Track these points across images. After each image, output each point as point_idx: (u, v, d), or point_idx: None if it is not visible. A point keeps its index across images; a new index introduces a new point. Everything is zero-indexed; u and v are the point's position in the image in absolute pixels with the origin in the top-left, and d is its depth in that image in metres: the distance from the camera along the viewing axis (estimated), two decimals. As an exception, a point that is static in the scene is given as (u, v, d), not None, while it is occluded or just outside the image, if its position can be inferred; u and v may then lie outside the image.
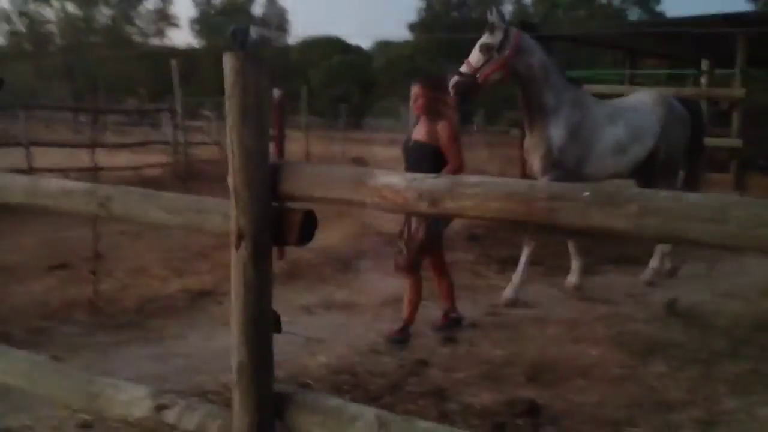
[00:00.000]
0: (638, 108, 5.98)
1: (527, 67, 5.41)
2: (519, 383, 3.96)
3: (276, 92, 7.10)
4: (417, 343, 4.66)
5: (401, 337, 4.65)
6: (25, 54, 46.38)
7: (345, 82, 44.72)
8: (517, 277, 5.60)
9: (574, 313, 5.23)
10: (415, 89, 4.76)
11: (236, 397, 1.79)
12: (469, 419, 3.49)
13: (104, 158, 10.65)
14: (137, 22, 52.81)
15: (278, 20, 56.21)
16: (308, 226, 1.77)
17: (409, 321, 4.77)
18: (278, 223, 1.76)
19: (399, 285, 5.40)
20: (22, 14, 48.83)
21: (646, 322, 4.94)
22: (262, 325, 1.78)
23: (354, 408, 1.78)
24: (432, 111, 4.73)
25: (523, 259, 5.62)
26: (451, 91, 5.24)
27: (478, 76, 5.30)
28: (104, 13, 51.05)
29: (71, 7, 49.46)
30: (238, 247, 1.73)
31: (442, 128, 4.68)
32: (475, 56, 5.33)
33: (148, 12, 53.05)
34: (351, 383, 3.95)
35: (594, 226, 1.35)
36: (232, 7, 53.63)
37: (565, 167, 5.58)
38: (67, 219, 7.42)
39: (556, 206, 1.38)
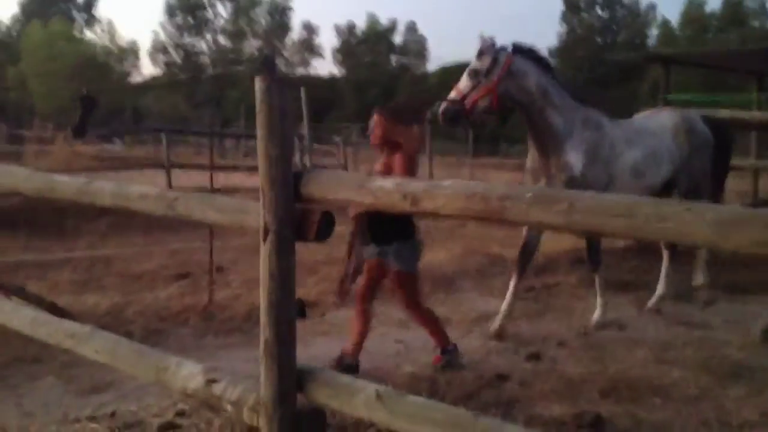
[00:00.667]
0: (656, 131, 5.70)
1: (523, 90, 5.21)
2: (593, 399, 4.02)
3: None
4: (500, 358, 4.81)
5: (346, 365, 4.36)
6: (179, 83, 50.70)
7: (481, 108, 45.11)
8: (504, 305, 5.32)
9: (667, 336, 5.16)
10: (373, 118, 4.57)
11: (262, 371, 2.10)
12: (532, 427, 3.62)
13: (239, 179, 11.54)
14: (284, 52, 55.89)
15: (418, 48, 57.58)
16: (326, 225, 2.07)
17: (348, 351, 4.49)
18: (300, 221, 2.07)
19: (494, 304, 5.59)
20: (178, 46, 53.46)
21: (739, 348, 4.79)
22: (284, 309, 2.08)
23: (360, 383, 2.04)
24: (388, 142, 4.53)
25: (511, 289, 5.32)
26: (440, 118, 5.13)
27: (466, 102, 5.15)
28: (252, 45, 54.66)
29: (222, 40, 53.58)
30: (264, 240, 2.06)
31: (397, 160, 4.48)
32: (463, 82, 5.20)
33: (293, 43, 56.05)
34: (429, 390, 4.17)
35: (534, 221, 1.55)
36: (373, 36, 55.55)
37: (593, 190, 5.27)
38: (195, 233, 8.21)
39: (506, 205, 1.59)
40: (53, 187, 2.88)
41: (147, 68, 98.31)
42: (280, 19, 54.69)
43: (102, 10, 71.43)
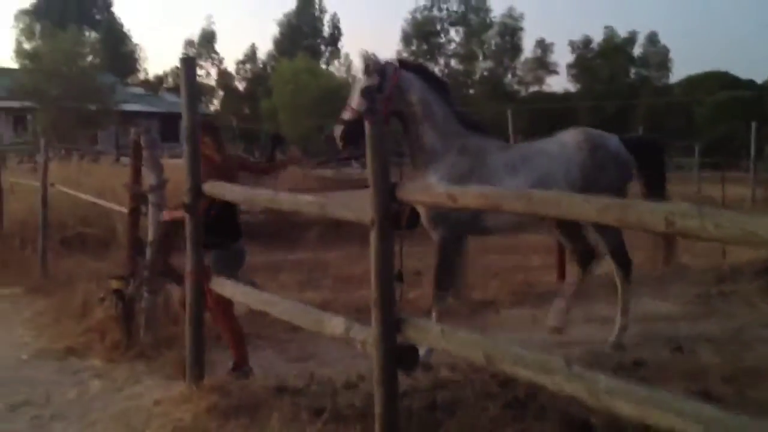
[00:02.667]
0: (552, 153, 5.46)
1: (406, 104, 5.27)
2: (714, 381, 4.51)
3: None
4: (644, 350, 5.39)
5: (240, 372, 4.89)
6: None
7: (733, 119, 42.48)
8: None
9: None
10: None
11: (373, 318, 3.15)
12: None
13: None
14: (517, 72, 56.92)
15: (659, 59, 55.39)
16: (412, 219, 3.08)
17: (239, 361, 4.99)
18: (395, 215, 3.10)
19: (667, 308, 6.13)
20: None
21: None
22: (386, 277, 3.12)
23: (431, 324, 3.03)
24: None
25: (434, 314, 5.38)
26: (339, 142, 5.20)
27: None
28: (482, 66, 56.41)
29: (454, 63, 56.14)
30: (371, 230, 3.11)
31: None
32: (356, 100, 5.24)
33: (526, 60, 56.81)
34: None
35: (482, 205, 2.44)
36: (610, 49, 54.45)
37: (456, 220, 5.12)
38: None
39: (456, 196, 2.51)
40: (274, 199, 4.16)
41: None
42: (511, 39, 55.80)
43: (346, 42, 77.53)
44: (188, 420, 4.20)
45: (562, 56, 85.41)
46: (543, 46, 56.74)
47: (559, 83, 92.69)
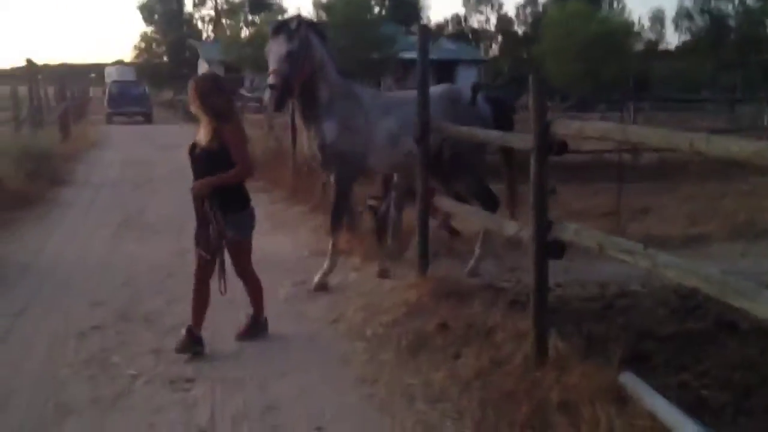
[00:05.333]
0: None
1: (311, 63, 5.80)
2: None
3: None
4: None
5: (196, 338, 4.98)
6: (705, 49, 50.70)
7: None
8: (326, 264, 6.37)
9: None
10: (190, 89, 4.75)
11: (530, 220, 4.34)
12: None
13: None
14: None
15: None
16: (562, 147, 4.18)
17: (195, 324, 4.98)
18: (550, 145, 4.23)
19: None
20: (704, 11, 53.29)
21: None
22: (541, 188, 4.28)
23: (572, 225, 4.15)
24: (217, 113, 4.68)
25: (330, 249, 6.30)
26: (271, 107, 5.76)
27: (291, 84, 5.70)
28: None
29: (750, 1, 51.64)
30: (531, 155, 4.28)
31: (230, 132, 4.71)
32: (280, 65, 5.66)
33: None
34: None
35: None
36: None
37: (345, 160, 5.99)
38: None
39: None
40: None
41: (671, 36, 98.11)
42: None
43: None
44: (413, 299, 5.74)
45: None
46: None
47: None
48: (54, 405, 4.22)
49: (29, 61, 18.70)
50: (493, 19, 60.19)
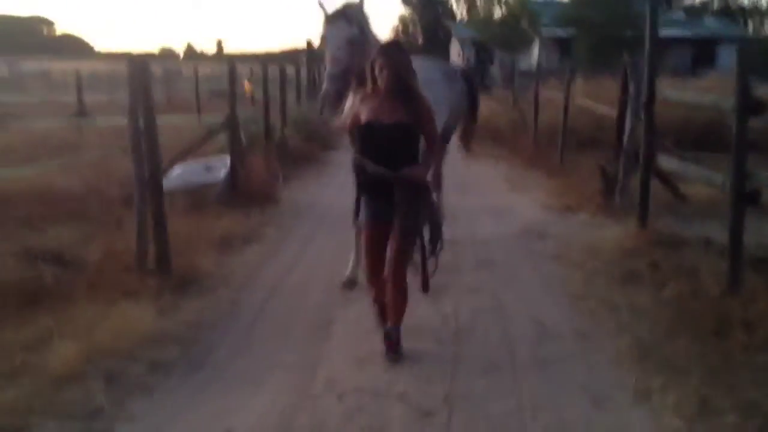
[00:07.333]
0: (434, 82, 5.87)
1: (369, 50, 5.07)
2: None
3: None
4: None
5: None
6: None
7: None
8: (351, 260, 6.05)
9: None
10: (382, 58, 4.26)
11: (729, 170, 5.13)
12: None
13: None
14: None
15: None
16: (760, 107, 4.93)
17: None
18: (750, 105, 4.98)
19: None
20: None
21: None
22: (741, 149, 5.05)
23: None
24: (407, 87, 4.28)
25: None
26: (333, 101, 5.06)
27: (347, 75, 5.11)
28: None
29: None
30: (733, 116, 5.06)
31: (424, 106, 4.34)
32: (342, 52, 5.08)
33: None
34: None
35: None
36: None
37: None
38: None
39: None
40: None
41: None
42: None
43: None
44: (630, 245, 6.67)
45: None
46: None
47: None
48: (338, 289, 5.87)
49: (309, 43, 21.79)
50: (766, -5, 55.54)
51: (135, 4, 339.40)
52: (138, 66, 5.79)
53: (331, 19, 5.17)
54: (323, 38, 5.26)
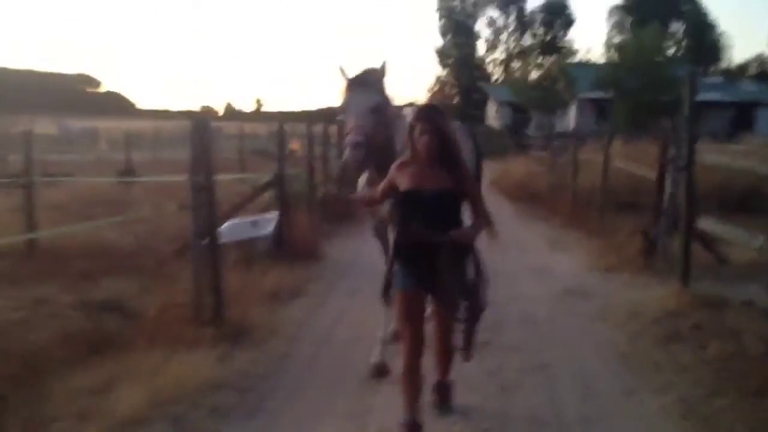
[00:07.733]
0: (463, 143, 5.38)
1: (390, 116, 5.07)
2: None
3: None
4: None
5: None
6: None
7: None
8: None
9: None
10: (422, 123, 4.01)
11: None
12: None
13: None
14: None
15: None
16: None
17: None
18: None
19: None
20: None
21: None
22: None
23: None
24: (449, 152, 4.06)
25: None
26: (355, 169, 4.77)
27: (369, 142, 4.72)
28: None
29: None
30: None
31: (467, 171, 4.17)
32: (365, 119, 4.75)
33: None
34: None
35: None
36: None
37: None
38: None
39: None
40: None
41: None
42: None
43: None
44: (672, 307, 6.78)
45: None
46: None
47: None
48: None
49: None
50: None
51: (176, 64, 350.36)
52: (200, 124, 6.15)
53: (353, 86, 4.90)
54: (344, 105, 4.92)
